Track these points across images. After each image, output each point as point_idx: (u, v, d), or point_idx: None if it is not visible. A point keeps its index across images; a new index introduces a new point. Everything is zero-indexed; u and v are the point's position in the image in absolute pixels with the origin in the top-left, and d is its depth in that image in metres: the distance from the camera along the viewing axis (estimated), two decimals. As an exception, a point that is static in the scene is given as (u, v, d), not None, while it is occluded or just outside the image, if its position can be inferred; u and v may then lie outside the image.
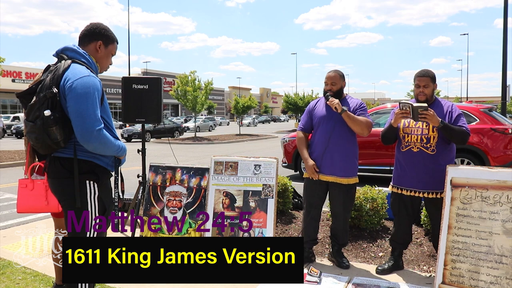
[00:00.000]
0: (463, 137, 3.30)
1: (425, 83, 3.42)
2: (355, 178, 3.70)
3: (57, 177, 2.34)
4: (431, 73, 3.47)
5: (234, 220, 3.92)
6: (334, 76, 3.67)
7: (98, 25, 2.48)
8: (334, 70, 3.72)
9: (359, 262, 3.86)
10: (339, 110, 3.48)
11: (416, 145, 3.37)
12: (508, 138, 7.07)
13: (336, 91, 3.65)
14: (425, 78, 3.43)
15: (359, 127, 3.54)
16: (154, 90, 4.38)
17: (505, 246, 2.87)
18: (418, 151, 3.37)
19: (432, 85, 3.44)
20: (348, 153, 3.64)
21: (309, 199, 3.78)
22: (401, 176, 3.51)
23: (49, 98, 2.18)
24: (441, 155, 3.35)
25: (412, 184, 3.43)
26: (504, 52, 13.55)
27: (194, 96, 24.11)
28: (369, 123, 3.58)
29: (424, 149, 3.36)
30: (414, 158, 3.39)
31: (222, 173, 4.07)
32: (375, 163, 7.92)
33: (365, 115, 3.62)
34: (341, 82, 3.68)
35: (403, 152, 3.46)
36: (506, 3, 13.23)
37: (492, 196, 2.97)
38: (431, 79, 3.43)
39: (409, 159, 3.42)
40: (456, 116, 3.37)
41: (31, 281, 3.44)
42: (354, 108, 3.64)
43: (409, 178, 3.44)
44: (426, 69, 3.51)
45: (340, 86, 3.67)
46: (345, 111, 3.49)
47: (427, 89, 3.42)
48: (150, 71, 58.79)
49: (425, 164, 3.35)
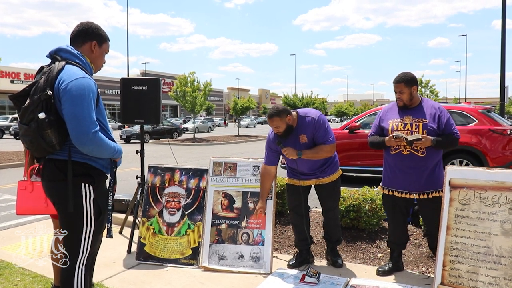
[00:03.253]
0: (453, 144, 3.41)
1: (400, 89, 3.42)
2: (337, 173, 3.72)
3: (51, 180, 2.31)
4: (407, 77, 3.41)
5: (234, 221, 3.92)
6: (276, 121, 3.43)
7: (90, 24, 2.44)
8: (273, 110, 3.46)
9: (358, 263, 3.86)
10: (295, 158, 3.48)
11: (407, 148, 3.37)
12: (506, 139, 7.08)
13: (284, 132, 3.48)
14: (399, 85, 3.42)
15: (320, 157, 3.55)
16: (153, 91, 4.38)
17: (504, 247, 2.87)
18: (409, 154, 3.38)
19: (408, 89, 3.39)
20: (320, 165, 3.64)
21: (292, 202, 3.79)
22: (392, 178, 3.51)
23: (43, 100, 2.15)
24: (431, 157, 3.37)
25: (404, 186, 3.44)
26: (503, 53, 13.59)
27: (193, 97, 24.11)
28: (328, 148, 3.49)
29: (414, 152, 3.36)
30: (404, 160, 3.40)
31: (221, 174, 4.07)
32: (374, 164, 7.90)
33: (324, 137, 3.49)
34: (284, 121, 3.42)
35: (393, 154, 3.46)
36: (504, 4, 13.27)
37: (490, 197, 2.97)
38: (405, 84, 3.39)
39: (400, 161, 3.43)
40: (446, 121, 3.37)
41: (30, 282, 3.43)
42: (311, 133, 3.51)
43: (400, 181, 3.45)
44: (402, 73, 3.46)
45: (285, 126, 3.44)
46: (301, 155, 3.46)
47: (403, 95, 3.42)
48: (149, 72, 58.77)
49: (416, 166, 3.37)
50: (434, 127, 3.34)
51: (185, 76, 24.60)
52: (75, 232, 2.32)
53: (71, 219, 2.32)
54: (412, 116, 3.43)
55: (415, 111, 3.45)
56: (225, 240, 3.88)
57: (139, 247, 3.99)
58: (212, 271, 3.72)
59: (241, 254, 3.79)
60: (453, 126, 3.39)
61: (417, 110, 3.44)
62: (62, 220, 2.37)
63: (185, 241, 3.93)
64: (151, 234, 4.01)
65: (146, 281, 3.51)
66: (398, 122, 3.45)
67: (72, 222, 2.32)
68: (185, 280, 3.54)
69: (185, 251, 3.90)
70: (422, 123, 3.36)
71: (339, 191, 3.85)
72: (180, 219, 4.02)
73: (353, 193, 4.44)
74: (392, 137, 3.36)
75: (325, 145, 3.50)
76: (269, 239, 3.80)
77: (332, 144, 3.52)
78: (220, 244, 3.87)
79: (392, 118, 3.52)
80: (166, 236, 3.98)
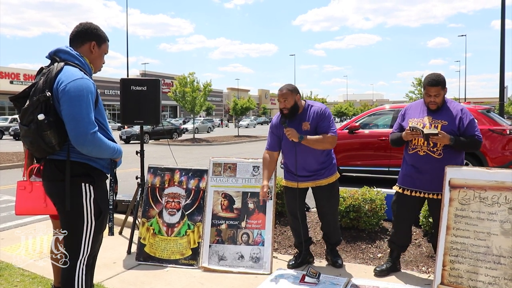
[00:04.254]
0: (474, 146, 3.29)
1: (436, 93, 3.27)
2: (335, 175, 3.69)
3: (52, 180, 2.32)
4: (441, 78, 3.29)
5: (233, 221, 3.92)
6: (285, 93, 3.53)
7: (89, 25, 2.44)
8: (286, 85, 3.61)
9: (357, 263, 3.86)
10: (296, 141, 3.46)
11: (423, 149, 3.32)
12: (506, 139, 7.08)
13: (291, 108, 3.53)
14: (436, 88, 3.26)
15: (320, 147, 3.51)
16: (153, 91, 4.38)
17: (503, 247, 2.88)
18: (425, 155, 3.32)
19: (443, 91, 3.31)
20: (319, 162, 3.60)
21: (291, 204, 3.76)
22: (406, 177, 3.47)
23: (42, 101, 2.15)
24: (447, 159, 3.26)
25: (416, 185, 3.39)
26: (502, 53, 13.61)
27: (193, 98, 24.11)
28: (329, 138, 3.48)
29: (430, 153, 3.30)
30: (420, 161, 3.34)
31: (220, 175, 4.07)
32: (374, 164, 7.91)
33: (328, 127, 3.51)
34: (293, 96, 3.53)
35: (410, 154, 3.42)
36: (504, 4, 13.28)
37: (490, 197, 2.97)
38: (441, 87, 3.27)
39: (416, 161, 3.37)
40: (468, 123, 3.25)
41: (30, 283, 3.43)
42: (315, 121, 3.53)
43: (414, 179, 3.40)
44: (435, 75, 3.32)
45: (293, 101, 3.52)
46: (302, 139, 3.45)
47: (438, 98, 3.28)
48: (149, 72, 58.77)
49: (431, 168, 3.29)
50: (454, 129, 3.24)
51: (185, 77, 24.59)
52: (75, 232, 2.33)
53: (71, 219, 2.32)
54: (433, 117, 3.33)
55: (437, 112, 3.34)
56: (225, 241, 3.88)
57: (139, 247, 3.99)
58: (212, 271, 3.72)
59: (241, 255, 3.79)
60: (475, 129, 3.25)
61: (440, 111, 3.34)
62: (62, 220, 2.37)
63: (185, 242, 3.93)
64: (151, 234, 4.01)
65: (146, 281, 3.51)
66: (417, 122, 3.37)
67: (72, 222, 2.32)
68: (185, 280, 3.54)
69: (185, 251, 3.90)
70: (441, 124, 3.27)
71: (337, 194, 3.79)
72: (180, 220, 4.01)
73: (353, 193, 4.43)
74: (409, 128, 3.30)
75: (328, 135, 3.49)
76: (269, 239, 3.80)
77: (334, 136, 3.51)
78: (220, 244, 3.87)
79: (412, 117, 3.46)
80: (166, 237, 3.98)
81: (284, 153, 3.72)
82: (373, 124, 8.47)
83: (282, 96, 3.55)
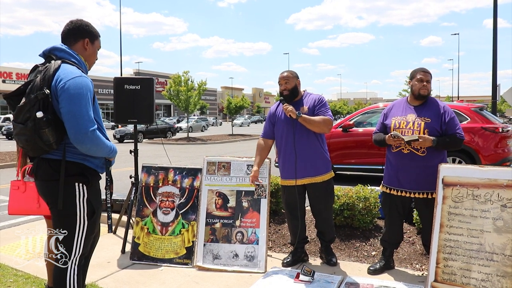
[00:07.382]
0: (456, 145, 3.37)
1: (428, 78, 3.45)
2: (330, 173, 3.71)
3: (45, 179, 2.31)
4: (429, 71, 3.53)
5: (228, 220, 3.92)
6: (287, 75, 3.67)
7: (80, 22, 2.43)
8: (287, 70, 3.77)
9: (352, 261, 3.87)
10: (294, 116, 3.50)
11: (407, 147, 3.36)
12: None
13: (291, 89, 3.66)
14: (427, 74, 3.46)
15: (317, 128, 3.55)
16: (146, 90, 4.37)
17: (496, 244, 2.90)
18: (409, 153, 3.37)
19: (431, 83, 3.48)
20: (316, 151, 3.63)
21: (289, 203, 3.78)
22: (392, 176, 3.51)
23: (40, 99, 2.14)
24: (431, 157, 3.33)
25: (402, 184, 3.43)
26: (494, 52, 13.69)
27: (187, 96, 24.05)
28: (326, 120, 3.55)
29: (414, 151, 3.35)
30: (404, 159, 3.39)
31: (215, 174, 4.06)
32: (368, 162, 7.94)
33: (324, 112, 3.60)
34: (295, 80, 3.67)
35: (394, 153, 3.46)
36: (496, 3, 13.35)
37: (483, 194, 2.99)
38: (430, 77, 3.49)
39: (400, 160, 3.42)
40: (449, 120, 3.34)
41: (23, 283, 3.41)
42: (313, 106, 3.63)
43: (399, 179, 3.44)
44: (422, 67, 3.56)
45: (294, 84, 3.66)
46: (300, 116, 3.50)
47: (428, 84, 3.45)
48: (142, 71, 58.52)
49: (416, 166, 3.35)
50: (436, 127, 3.32)
51: (179, 76, 24.53)
52: (68, 232, 2.32)
53: (64, 219, 2.31)
54: (417, 114, 3.41)
55: (420, 109, 3.43)
56: (219, 239, 3.87)
57: (133, 247, 3.98)
58: (207, 270, 3.71)
59: (235, 253, 3.79)
60: (457, 127, 3.33)
61: (423, 107, 3.43)
62: (55, 220, 2.36)
63: (179, 241, 3.93)
64: (145, 233, 4.00)
65: (141, 281, 3.50)
66: (400, 120, 3.44)
67: (65, 222, 2.32)
68: (179, 279, 3.54)
69: (179, 250, 3.90)
70: (425, 122, 3.34)
71: (332, 193, 3.81)
72: (174, 219, 4.01)
73: (347, 191, 4.45)
74: (390, 135, 3.37)
75: (325, 117, 3.55)
76: (263, 238, 3.80)
77: (331, 119, 3.58)
78: (214, 243, 3.87)
79: (395, 115, 3.52)
80: (160, 236, 3.97)
81: (282, 150, 3.73)
82: (367, 123, 8.48)
83: (283, 78, 3.67)
